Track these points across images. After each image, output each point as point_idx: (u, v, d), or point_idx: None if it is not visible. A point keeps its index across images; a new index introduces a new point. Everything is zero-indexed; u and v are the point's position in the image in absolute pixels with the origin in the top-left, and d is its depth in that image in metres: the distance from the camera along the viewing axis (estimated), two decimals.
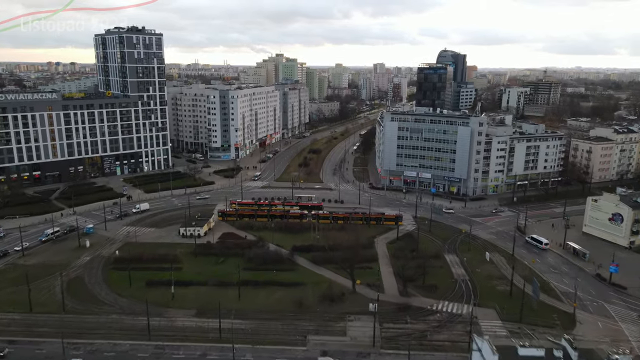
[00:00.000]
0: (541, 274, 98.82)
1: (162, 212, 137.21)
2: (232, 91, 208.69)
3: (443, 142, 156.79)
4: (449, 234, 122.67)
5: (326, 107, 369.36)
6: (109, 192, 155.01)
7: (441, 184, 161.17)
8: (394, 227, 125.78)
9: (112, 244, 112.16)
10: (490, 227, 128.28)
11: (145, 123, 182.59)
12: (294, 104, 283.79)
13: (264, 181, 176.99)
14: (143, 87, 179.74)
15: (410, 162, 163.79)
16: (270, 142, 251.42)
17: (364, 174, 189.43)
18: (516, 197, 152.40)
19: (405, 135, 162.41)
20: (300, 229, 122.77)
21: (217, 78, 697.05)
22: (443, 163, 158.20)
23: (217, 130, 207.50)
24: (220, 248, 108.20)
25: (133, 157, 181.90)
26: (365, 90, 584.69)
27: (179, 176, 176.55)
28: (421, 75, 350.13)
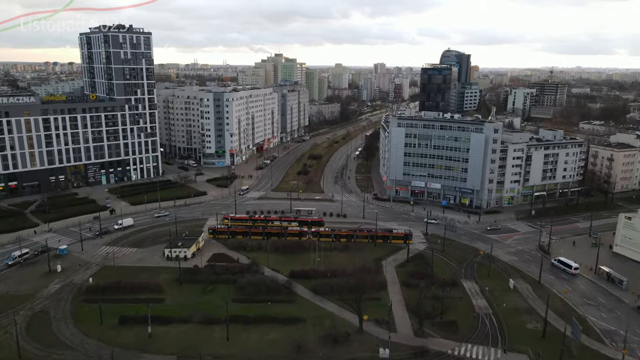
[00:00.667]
0: (575, 306, 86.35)
1: (147, 229, 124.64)
2: (227, 93, 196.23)
3: (454, 150, 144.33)
4: (464, 254, 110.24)
5: (326, 109, 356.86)
6: (91, 204, 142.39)
7: (452, 196, 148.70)
8: (403, 245, 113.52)
9: (87, 268, 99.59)
10: (509, 246, 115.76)
11: (133, 128, 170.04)
12: (293, 106, 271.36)
13: (261, 191, 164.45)
14: (130, 89, 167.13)
15: (418, 172, 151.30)
16: (268, 147, 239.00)
17: (367, 182, 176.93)
18: (534, 209, 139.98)
19: (413, 143, 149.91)
20: (299, 250, 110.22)
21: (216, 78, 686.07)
22: (454, 173, 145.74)
23: (211, 135, 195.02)
24: (209, 274, 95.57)
25: (120, 165, 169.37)
26: (366, 91, 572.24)
27: (170, 185, 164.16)
28: (425, 76, 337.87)
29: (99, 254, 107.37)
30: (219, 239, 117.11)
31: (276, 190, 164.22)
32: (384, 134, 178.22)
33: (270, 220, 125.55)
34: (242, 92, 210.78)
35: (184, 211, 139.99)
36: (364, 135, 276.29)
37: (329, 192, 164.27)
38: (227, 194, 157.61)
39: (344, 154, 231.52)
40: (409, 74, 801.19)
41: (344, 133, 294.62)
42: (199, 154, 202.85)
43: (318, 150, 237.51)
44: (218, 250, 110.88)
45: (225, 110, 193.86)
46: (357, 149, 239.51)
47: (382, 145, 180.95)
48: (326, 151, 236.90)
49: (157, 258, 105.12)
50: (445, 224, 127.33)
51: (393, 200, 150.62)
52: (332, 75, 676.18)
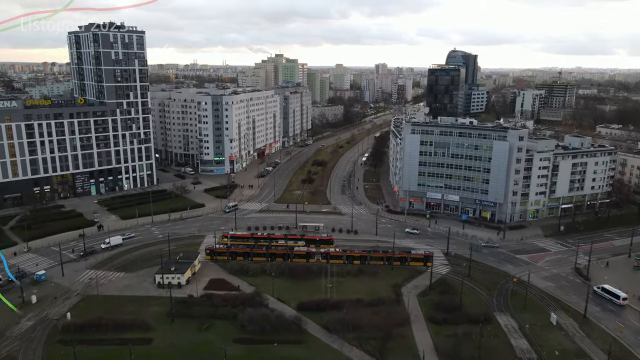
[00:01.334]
0: (632, 347, 74.25)
1: (137, 248, 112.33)
2: (227, 97, 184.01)
3: (474, 159, 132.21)
4: (493, 279, 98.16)
5: (329, 112, 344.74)
6: (77, 219, 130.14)
7: (471, 208, 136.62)
8: (423, 269, 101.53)
9: (67, 298, 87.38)
10: (542, 269, 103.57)
11: (125, 134, 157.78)
12: (295, 109, 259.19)
13: (263, 202, 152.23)
14: (122, 92, 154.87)
15: (434, 182, 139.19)
16: (269, 152, 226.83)
17: (377, 192, 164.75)
18: (562, 224, 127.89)
19: (429, 151, 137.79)
20: (308, 274, 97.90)
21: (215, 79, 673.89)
22: (474, 184, 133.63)
23: (209, 141, 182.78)
24: (205, 306, 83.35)
25: (111, 173, 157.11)
26: (369, 92, 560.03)
27: (164, 196, 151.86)
28: (432, 77, 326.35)
29: (82, 280, 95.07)
30: (217, 261, 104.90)
31: (280, 202, 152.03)
32: (394, 141, 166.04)
33: (274, 238, 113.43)
34: (242, 94, 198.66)
35: (179, 226, 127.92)
36: (369, 139, 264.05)
37: (337, 203, 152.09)
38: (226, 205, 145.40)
39: (350, 160, 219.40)
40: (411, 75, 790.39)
41: (349, 137, 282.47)
42: (197, 161, 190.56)
43: (322, 156, 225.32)
44: (216, 274, 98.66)
45: (225, 115, 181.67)
46: (363, 154, 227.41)
47: (393, 153, 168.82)
48: (331, 157, 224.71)
49: (147, 285, 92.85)
50: (468, 241, 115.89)
51: (407, 213, 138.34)
52: (333, 76, 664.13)
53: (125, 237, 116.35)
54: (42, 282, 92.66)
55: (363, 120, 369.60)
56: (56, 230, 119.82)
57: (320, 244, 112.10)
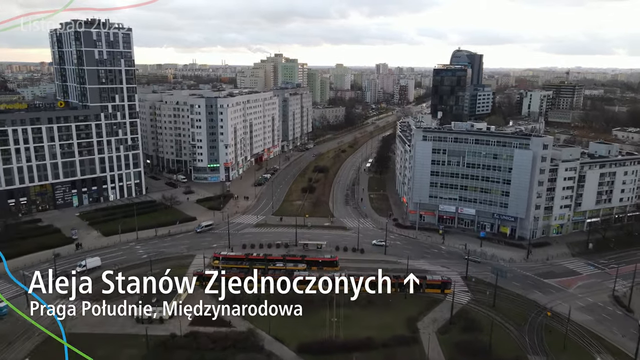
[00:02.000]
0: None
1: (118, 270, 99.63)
2: (221, 99, 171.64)
3: (493, 169, 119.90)
4: (521, 310, 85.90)
5: (330, 113, 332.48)
6: (54, 235, 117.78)
7: (488, 223, 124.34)
8: (440, 297, 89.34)
9: (28, 338, 75.24)
10: (575, 297, 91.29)
11: (111, 140, 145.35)
12: (295, 111, 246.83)
13: (260, 215, 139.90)
14: (107, 95, 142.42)
15: (448, 194, 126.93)
16: (267, 158, 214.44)
17: (383, 203, 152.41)
18: (591, 241, 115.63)
19: (442, 159, 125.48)
20: (310, 304, 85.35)
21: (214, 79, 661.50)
22: (492, 196, 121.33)
23: (203, 146, 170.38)
24: (190, 350, 71.19)
25: (95, 183, 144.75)
26: (370, 93, 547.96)
27: (153, 208, 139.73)
28: (437, 77, 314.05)
29: (50, 313, 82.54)
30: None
31: (278, 214, 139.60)
32: (402, 147, 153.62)
33: (272, 260, 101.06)
34: (239, 97, 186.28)
35: (167, 244, 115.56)
36: (372, 143, 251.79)
37: (340, 216, 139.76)
38: (220, 218, 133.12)
39: (353, 166, 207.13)
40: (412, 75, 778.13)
41: (351, 140, 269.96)
42: (190, 168, 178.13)
43: (324, 161, 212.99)
44: (205, 304, 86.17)
45: (219, 118, 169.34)
46: (367, 159, 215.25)
47: (400, 160, 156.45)
48: (333, 162, 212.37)
49: (124, 320, 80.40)
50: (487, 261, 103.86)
51: (418, 227, 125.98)
52: (333, 76, 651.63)
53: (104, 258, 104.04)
54: (2, 316, 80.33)
55: (365, 122, 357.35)
56: (28, 249, 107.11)
57: (323, 266, 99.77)
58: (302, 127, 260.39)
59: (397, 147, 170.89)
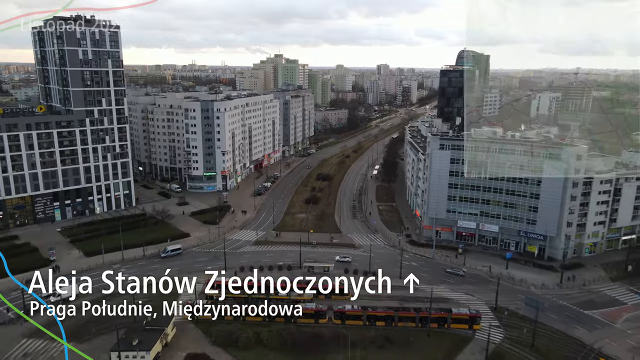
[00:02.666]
0: None
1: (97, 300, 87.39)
2: (218, 102, 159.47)
3: (519, 182, 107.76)
4: (565, 351, 73.66)
5: (333, 116, 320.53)
6: (30, 256, 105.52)
7: (513, 241, 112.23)
8: (469, 334, 77.23)
9: None
10: (624, 334, 79.03)
11: (97, 148, 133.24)
12: (297, 114, 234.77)
13: (260, 230, 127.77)
14: (92, 98, 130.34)
15: (467, 209, 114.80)
16: (267, 164, 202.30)
17: (394, 215, 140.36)
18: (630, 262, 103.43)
19: (462, 170, 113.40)
20: (317, 347, 73.35)
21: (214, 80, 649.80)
22: (518, 212, 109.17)
23: (199, 154, 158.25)
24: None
25: (79, 195, 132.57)
26: (372, 94, 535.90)
27: (143, 222, 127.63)
28: (444, 79, 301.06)
29: (14, 356, 70.64)
30: (199, 323, 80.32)
31: (280, 229, 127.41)
32: (414, 155, 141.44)
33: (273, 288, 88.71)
34: (237, 100, 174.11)
35: (155, 266, 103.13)
36: (377, 147, 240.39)
37: (348, 231, 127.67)
38: (215, 235, 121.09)
39: (358, 173, 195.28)
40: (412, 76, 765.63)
41: (355, 144, 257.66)
42: (185, 176, 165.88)
43: (327, 168, 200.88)
44: (195, 346, 74.15)
45: (216, 123, 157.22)
46: (373, 165, 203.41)
47: (412, 169, 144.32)
48: (337, 169, 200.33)
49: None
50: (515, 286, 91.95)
51: (435, 245, 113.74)
52: (334, 77, 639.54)
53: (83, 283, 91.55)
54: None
55: (368, 125, 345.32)
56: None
57: (332, 295, 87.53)
58: (304, 131, 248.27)
59: (407, 154, 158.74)
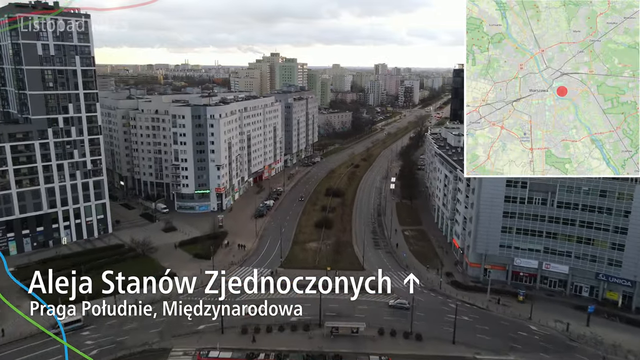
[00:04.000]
0: None
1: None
2: (212, 108, 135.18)
3: (598, 212, 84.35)
4: None
5: (336, 119, 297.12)
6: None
7: (586, 285, 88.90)
8: None
9: None
10: None
11: (63, 165, 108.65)
12: (300, 119, 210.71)
13: (264, 266, 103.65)
14: (56, 104, 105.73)
15: (527, 244, 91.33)
16: (269, 176, 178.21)
17: (425, 244, 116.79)
18: None
19: (520, 196, 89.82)
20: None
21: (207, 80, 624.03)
22: (596, 249, 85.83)
23: (189, 168, 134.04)
24: None
25: (41, 222, 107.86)
26: (373, 95, 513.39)
27: (119, 256, 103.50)
28: (458, 79, 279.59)
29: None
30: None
31: (288, 266, 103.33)
32: (447, 172, 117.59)
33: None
34: (234, 104, 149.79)
35: (131, 325, 78.97)
36: (388, 154, 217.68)
37: (372, 266, 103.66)
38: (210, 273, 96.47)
39: (372, 186, 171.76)
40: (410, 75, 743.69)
41: (362, 151, 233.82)
42: (173, 193, 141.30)
43: (336, 181, 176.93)
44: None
45: (210, 132, 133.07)
46: (387, 176, 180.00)
47: (444, 187, 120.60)
48: (348, 182, 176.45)
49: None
50: (603, 355, 68.42)
51: (489, 289, 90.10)
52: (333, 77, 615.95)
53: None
54: None
55: (373, 128, 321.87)
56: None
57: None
58: (308, 137, 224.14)
59: (435, 167, 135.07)
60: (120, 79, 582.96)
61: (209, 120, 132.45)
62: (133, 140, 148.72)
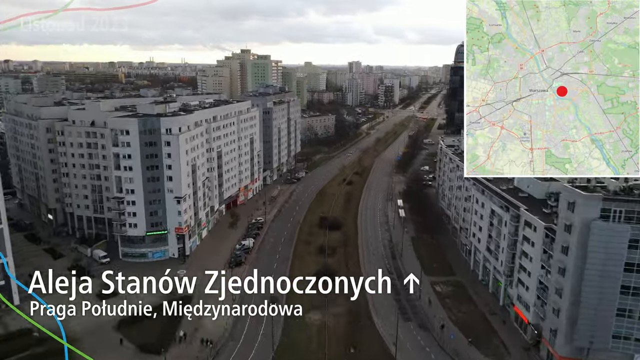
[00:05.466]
0: None
1: None
2: (169, 119, 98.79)
3: None
4: None
5: (318, 123, 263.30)
6: None
7: None
8: None
9: None
10: None
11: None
12: (281, 126, 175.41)
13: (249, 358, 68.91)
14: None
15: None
16: (245, 199, 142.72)
17: (469, 307, 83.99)
18: None
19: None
20: None
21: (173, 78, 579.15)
22: None
23: (138, 202, 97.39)
24: None
25: None
26: (352, 94, 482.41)
27: (17, 352, 66.55)
28: (455, 77, 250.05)
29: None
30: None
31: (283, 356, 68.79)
32: (500, 210, 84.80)
33: None
34: (199, 112, 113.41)
35: None
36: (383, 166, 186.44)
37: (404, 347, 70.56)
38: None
39: (375, 212, 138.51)
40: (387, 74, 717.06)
41: (353, 161, 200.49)
42: (116, 234, 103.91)
43: (330, 204, 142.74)
44: None
45: (166, 153, 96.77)
46: (391, 197, 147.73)
47: (492, 228, 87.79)
48: (344, 206, 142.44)
49: None
50: None
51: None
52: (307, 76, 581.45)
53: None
54: None
55: (359, 132, 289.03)
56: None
57: None
58: (289, 147, 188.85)
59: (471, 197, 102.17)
60: (77, 77, 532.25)
61: (164, 137, 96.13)
62: (62, 161, 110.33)
